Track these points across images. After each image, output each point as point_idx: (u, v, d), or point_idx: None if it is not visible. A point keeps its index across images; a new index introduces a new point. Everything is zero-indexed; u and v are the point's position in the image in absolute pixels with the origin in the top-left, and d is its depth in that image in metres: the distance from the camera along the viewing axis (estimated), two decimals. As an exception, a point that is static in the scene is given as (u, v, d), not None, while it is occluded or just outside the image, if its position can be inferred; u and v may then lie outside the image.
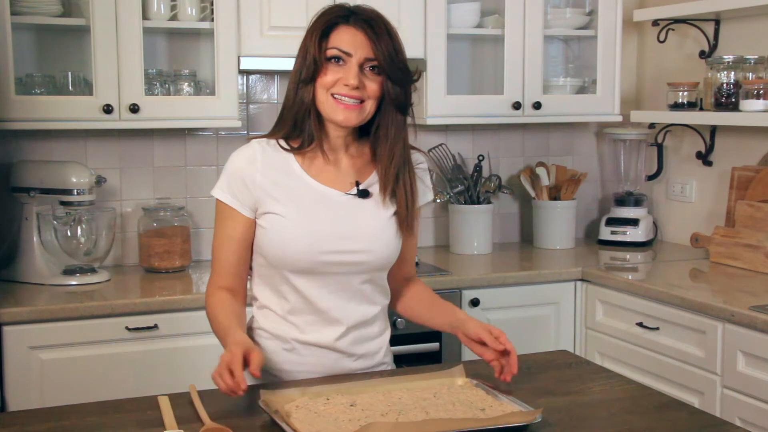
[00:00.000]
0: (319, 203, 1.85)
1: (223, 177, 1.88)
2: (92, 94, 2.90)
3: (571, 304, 3.21)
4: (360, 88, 1.80)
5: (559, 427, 1.61)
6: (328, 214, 1.85)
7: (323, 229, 1.83)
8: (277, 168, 1.86)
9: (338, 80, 1.80)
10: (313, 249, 1.82)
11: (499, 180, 3.63)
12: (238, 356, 1.64)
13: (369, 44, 1.80)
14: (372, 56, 1.80)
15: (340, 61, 1.81)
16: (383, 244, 1.88)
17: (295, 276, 1.85)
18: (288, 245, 1.82)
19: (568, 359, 2.07)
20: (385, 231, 1.88)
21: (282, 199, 1.84)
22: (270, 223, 1.84)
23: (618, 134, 3.71)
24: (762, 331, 2.45)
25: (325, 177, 1.87)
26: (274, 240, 1.84)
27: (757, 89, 3.01)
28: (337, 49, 1.81)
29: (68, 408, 1.71)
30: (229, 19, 2.99)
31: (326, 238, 1.83)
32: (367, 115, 1.84)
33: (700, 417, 1.70)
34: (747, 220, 3.16)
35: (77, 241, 2.96)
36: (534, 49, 3.39)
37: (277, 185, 1.84)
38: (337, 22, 1.83)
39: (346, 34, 1.81)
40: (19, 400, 2.58)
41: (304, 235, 1.82)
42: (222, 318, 1.83)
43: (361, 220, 1.87)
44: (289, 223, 1.82)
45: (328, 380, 1.84)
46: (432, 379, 1.81)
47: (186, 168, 3.32)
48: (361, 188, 1.88)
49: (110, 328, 2.67)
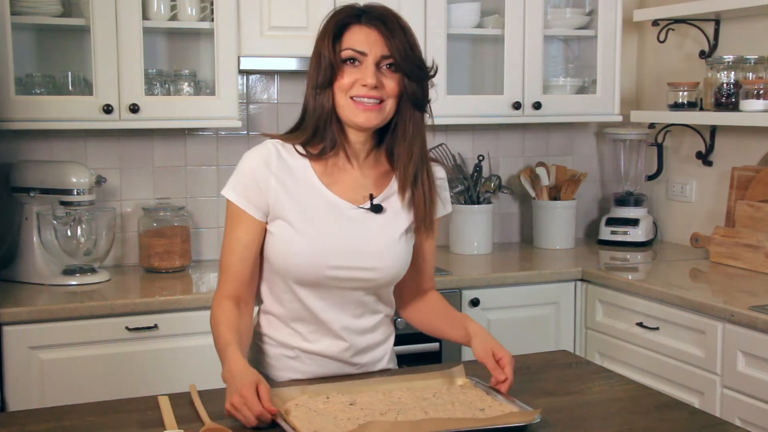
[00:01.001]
0: (331, 215, 1.81)
1: (236, 176, 1.82)
2: (92, 94, 2.89)
3: (571, 304, 3.21)
4: (378, 87, 1.76)
5: (559, 427, 1.61)
6: (339, 227, 1.81)
7: (332, 243, 1.79)
8: (292, 173, 1.81)
9: (356, 81, 1.76)
10: (319, 263, 1.78)
11: (499, 180, 3.63)
12: (251, 398, 1.56)
13: (383, 41, 1.76)
14: (387, 53, 1.76)
15: (356, 62, 1.77)
16: (392, 262, 1.84)
17: (299, 287, 1.82)
18: (294, 257, 1.79)
19: (568, 359, 2.07)
20: (395, 248, 1.84)
21: (293, 207, 1.80)
22: (279, 231, 1.80)
23: (618, 134, 3.71)
24: (762, 331, 2.45)
25: (339, 187, 1.83)
26: (281, 250, 1.80)
27: (757, 89, 3.01)
28: (352, 50, 1.76)
29: (68, 408, 1.71)
30: (229, 19, 2.99)
31: (334, 254, 1.79)
32: (387, 114, 1.79)
33: (700, 417, 1.70)
34: (747, 220, 3.16)
35: (77, 241, 2.96)
36: (534, 49, 3.39)
37: (290, 191, 1.80)
38: (348, 23, 1.78)
39: (359, 34, 1.77)
40: (19, 400, 2.58)
41: (312, 248, 1.78)
42: (223, 331, 1.75)
43: (371, 235, 1.82)
44: (298, 235, 1.79)
45: (328, 379, 1.83)
46: (432, 379, 1.81)
47: (186, 168, 3.32)
48: (375, 203, 1.84)
49: (110, 328, 2.67)
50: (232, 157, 3.33)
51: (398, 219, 1.86)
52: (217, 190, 3.34)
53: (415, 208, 1.86)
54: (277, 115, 3.41)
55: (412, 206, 1.86)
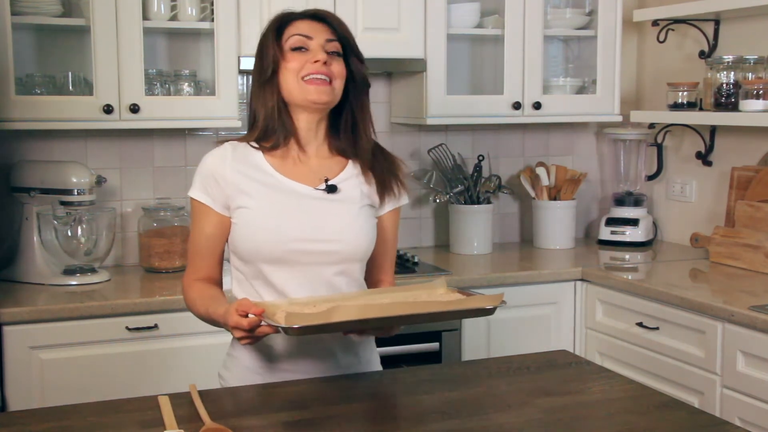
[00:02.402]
0: (289, 197, 1.88)
1: (196, 177, 1.92)
2: (92, 94, 2.90)
3: (571, 304, 3.21)
4: (327, 65, 1.85)
5: (559, 427, 1.61)
6: (298, 206, 1.88)
7: (293, 218, 1.86)
8: (248, 165, 1.90)
9: (305, 62, 1.86)
10: (281, 237, 1.84)
11: (499, 180, 3.63)
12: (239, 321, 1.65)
13: (326, 28, 1.89)
14: (332, 37, 1.89)
15: (303, 49, 1.87)
16: (353, 234, 1.89)
17: (268, 267, 1.86)
18: (257, 234, 1.85)
19: (568, 359, 2.07)
20: (355, 222, 1.90)
21: (252, 194, 1.87)
22: (241, 217, 1.87)
23: (618, 134, 3.71)
24: (762, 331, 2.45)
25: (294, 174, 1.91)
26: (245, 232, 1.87)
27: (756, 89, 3.01)
28: (299, 35, 1.88)
29: (68, 408, 1.71)
30: (229, 19, 2.99)
31: (295, 227, 1.85)
32: (336, 95, 1.89)
33: (700, 417, 1.70)
34: (747, 220, 3.16)
35: (77, 241, 2.96)
36: (534, 49, 3.39)
37: (247, 181, 1.88)
38: (289, 20, 1.91)
39: (302, 24, 1.90)
40: (19, 400, 2.58)
41: (274, 223, 1.85)
42: (200, 305, 1.86)
43: (330, 212, 1.89)
44: (259, 214, 1.86)
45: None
46: (415, 290, 1.85)
47: (186, 168, 3.32)
48: (330, 183, 1.91)
49: (110, 328, 2.67)
50: (232, 157, 3.33)
51: (354, 199, 1.92)
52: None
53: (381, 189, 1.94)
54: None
55: (368, 187, 1.94)
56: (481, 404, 1.72)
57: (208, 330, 1.88)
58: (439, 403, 1.73)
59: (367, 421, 1.63)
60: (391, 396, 1.78)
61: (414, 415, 1.67)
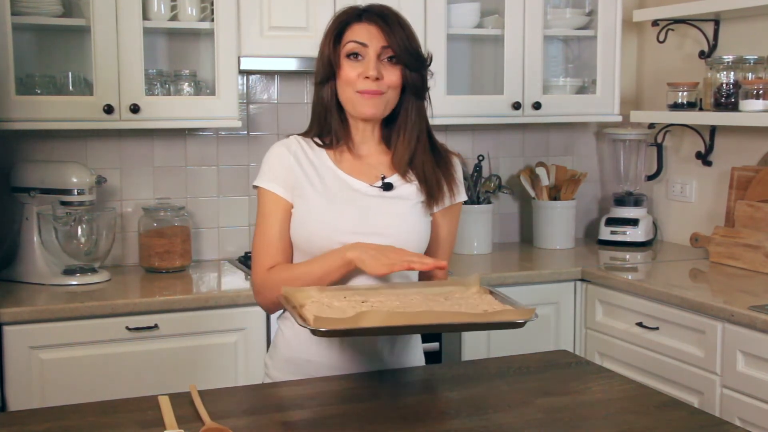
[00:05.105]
0: (346, 192, 1.93)
1: (263, 166, 1.96)
2: (92, 94, 2.90)
3: (571, 304, 3.21)
4: (380, 79, 1.88)
5: (559, 427, 1.61)
6: (353, 201, 1.92)
7: (346, 211, 1.90)
8: (311, 159, 1.95)
9: (359, 74, 1.88)
10: (334, 229, 1.88)
11: (499, 180, 3.63)
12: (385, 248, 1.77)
13: (382, 35, 1.89)
14: (387, 44, 1.88)
15: (358, 56, 1.89)
16: (403, 230, 1.92)
17: None
18: (311, 224, 1.89)
19: (568, 359, 2.07)
20: (408, 218, 1.94)
21: (313, 185, 1.92)
22: (298, 207, 1.92)
23: (618, 134, 3.71)
24: (762, 331, 2.45)
25: (352, 170, 1.95)
26: (300, 221, 1.91)
27: (756, 89, 3.01)
28: (354, 42, 1.89)
29: (68, 408, 1.71)
30: (229, 19, 2.99)
31: (348, 220, 1.89)
32: (390, 105, 1.92)
33: (700, 417, 1.70)
34: (747, 220, 3.16)
35: (77, 241, 2.96)
36: (534, 49, 3.39)
37: (309, 172, 1.93)
38: (349, 21, 1.92)
39: (360, 30, 1.90)
40: (19, 400, 2.58)
41: (328, 215, 1.89)
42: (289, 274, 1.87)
43: (383, 208, 1.93)
44: (315, 205, 1.90)
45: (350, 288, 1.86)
46: (448, 285, 1.87)
47: (186, 168, 3.32)
48: (386, 181, 1.95)
49: (110, 328, 2.68)
50: (233, 158, 3.33)
51: (408, 196, 1.95)
52: (217, 190, 3.35)
53: (426, 189, 1.96)
54: (277, 115, 3.41)
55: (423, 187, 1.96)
56: (481, 404, 1.72)
57: (208, 330, 1.88)
58: (440, 403, 1.73)
59: (367, 421, 1.63)
60: (391, 396, 1.78)
61: (414, 415, 1.67)
